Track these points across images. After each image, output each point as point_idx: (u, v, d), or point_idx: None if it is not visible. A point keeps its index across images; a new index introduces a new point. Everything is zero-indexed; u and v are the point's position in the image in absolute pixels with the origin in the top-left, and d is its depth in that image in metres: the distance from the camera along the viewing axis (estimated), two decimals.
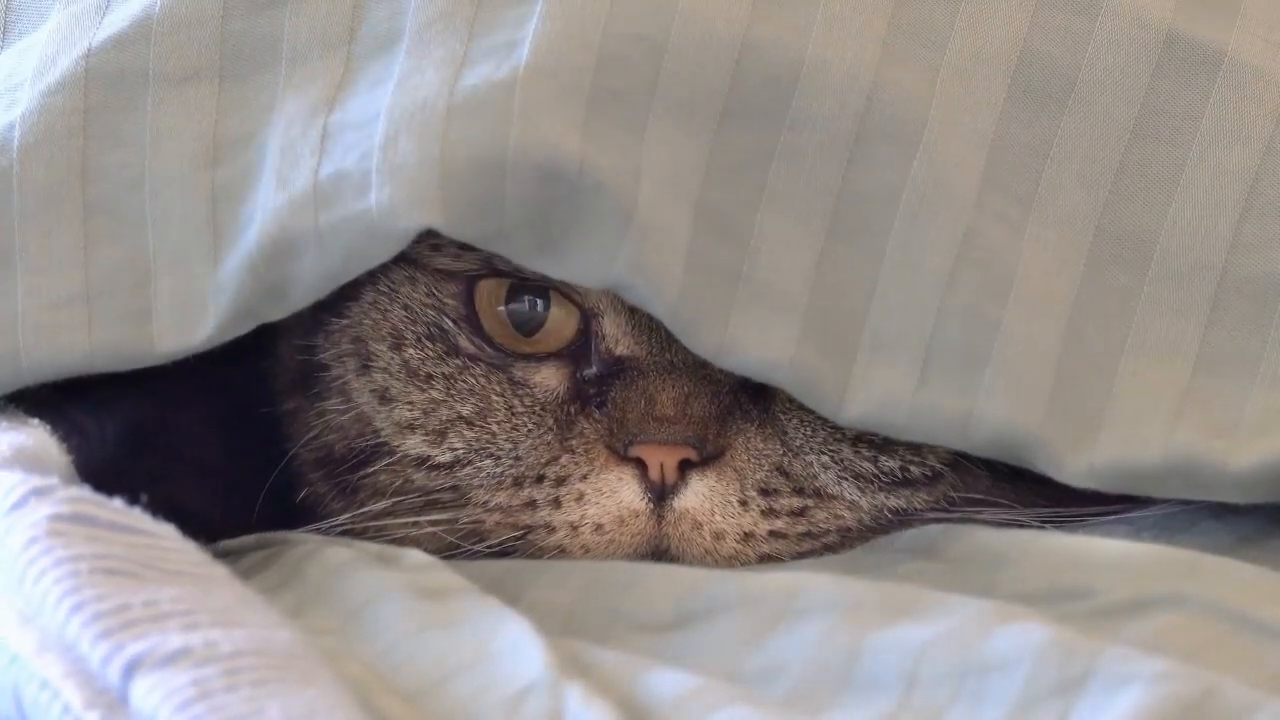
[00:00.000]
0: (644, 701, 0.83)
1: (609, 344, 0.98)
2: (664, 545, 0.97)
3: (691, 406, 0.97)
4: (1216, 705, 0.79)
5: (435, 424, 1.00)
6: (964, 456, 0.98)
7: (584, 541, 0.98)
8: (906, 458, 0.99)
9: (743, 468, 0.98)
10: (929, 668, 0.83)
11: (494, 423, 1.00)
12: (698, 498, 0.97)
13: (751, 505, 0.97)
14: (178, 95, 1.00)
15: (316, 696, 0.77)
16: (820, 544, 0.98)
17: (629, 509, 0.97)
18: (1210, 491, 0.95)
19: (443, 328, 1.01)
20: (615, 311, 0.98)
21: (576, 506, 0.98)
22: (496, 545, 0.99)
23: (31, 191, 0.99)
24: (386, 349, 1.01)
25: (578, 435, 0.98)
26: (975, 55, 0.98)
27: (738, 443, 0.98)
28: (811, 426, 0.98)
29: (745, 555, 0.97)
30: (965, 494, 0.99)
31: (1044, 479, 0.97)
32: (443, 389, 1.01)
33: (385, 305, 1.02)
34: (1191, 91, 0.99)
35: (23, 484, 0.86)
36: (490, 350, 1.00)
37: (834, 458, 0.99)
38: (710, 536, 0.97)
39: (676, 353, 0.97)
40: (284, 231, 0.95)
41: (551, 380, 1.00)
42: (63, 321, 0.98)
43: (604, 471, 0.98)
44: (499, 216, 0.93)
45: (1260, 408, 0.95)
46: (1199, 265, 0.97)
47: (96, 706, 0.78)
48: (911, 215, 0.95)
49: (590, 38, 0.95)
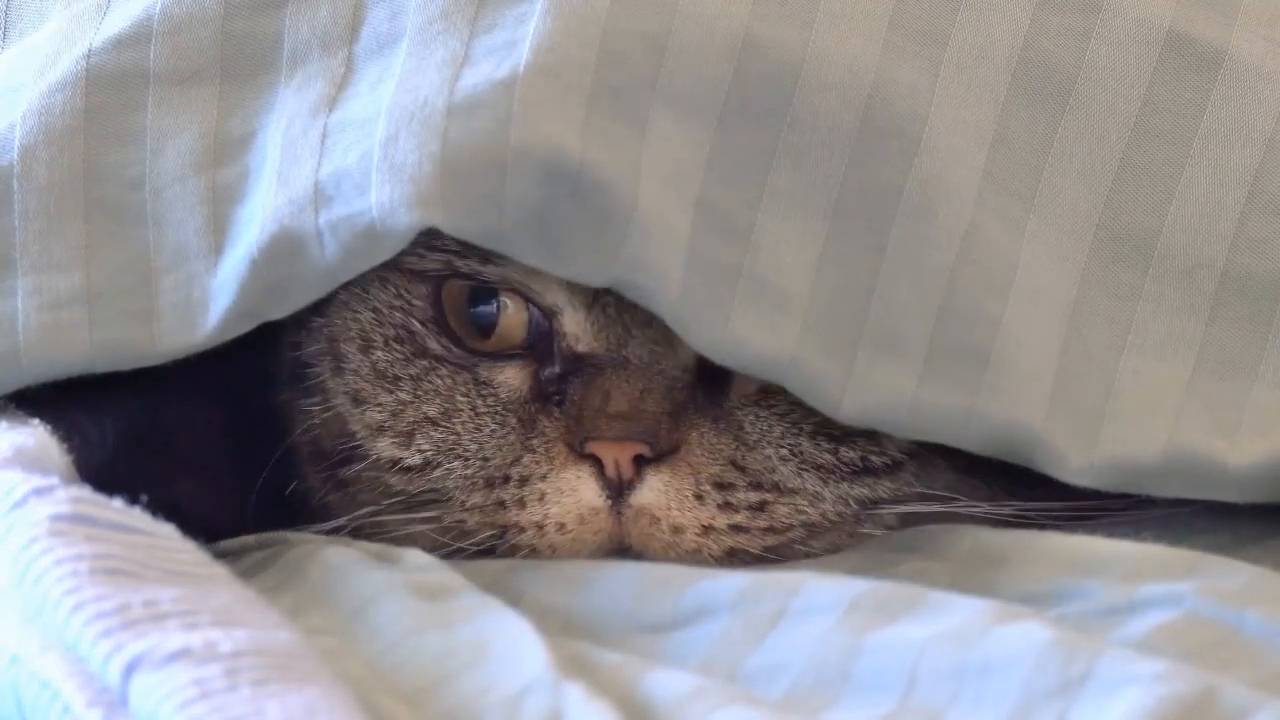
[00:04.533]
0: (644, 701, 0.83)
1: (569, 342, 0.98)
2: (626, 542, 0.97)
3: (645, 403, 0.97)
4: (1216, 705, 0.79)
5: (403, 425, 1.01)
6: (925, 447, 0.99)
7: (550, 541, 0.98)
8: (866, 448, 0.99)
9: (697, 462, 0.97)
10: (929, 667, 0.83)
11: (459, 423, 1.00)
12: (654, 493, 0.97)
13: (708, 499, 0.97)
14: (179, 95, 1.00)
15: (316, 696, 0.77)
16: (786, 538, 0.98)
17: (589, 507, 0.97)
18: (1210, 490, 0.95)
19: (411, 330, 1.01)
20: (574, 309, 0.98)
21: (540, 506, 0.98)
22: (484, 543, 0.99)
23: (32, 191, 0.99)
24: (355, 350, 1.02)
25: (539, 434, 0.99)
26: (976, 53, 0.98)
27: (692, 438, 0.98)
28: (767, 421, 0.98)
29: (708, 549, 0.97)
30: (927, 486, 0.99)
31: (1016, 475, 0.97)
32: (410, 390, 1.01)
33: (356, 307, 1.02)
34: (1192, 90, 0.99)
35: (23, 484, 0.86)
36: (457, 351, 1.00)
37: (792, 450, 0.98)
38: (669, 531, 0.97)
39: (632, 350, 0.97)
40: (285, 231, 0.95)
41: (515, 379, 1.00)
42: (64, 321, 0.98)
43: (563, 470, 0.98)
44: (499, 215, 0.93)
45: (1261, 406, 0.96)
46: (1200, 263, 0.97)
47: (97, 706, 0.78)
48: (912, 212, 0.95)
49: (591, 36, 0.95)
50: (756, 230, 0.95)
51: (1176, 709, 0.79)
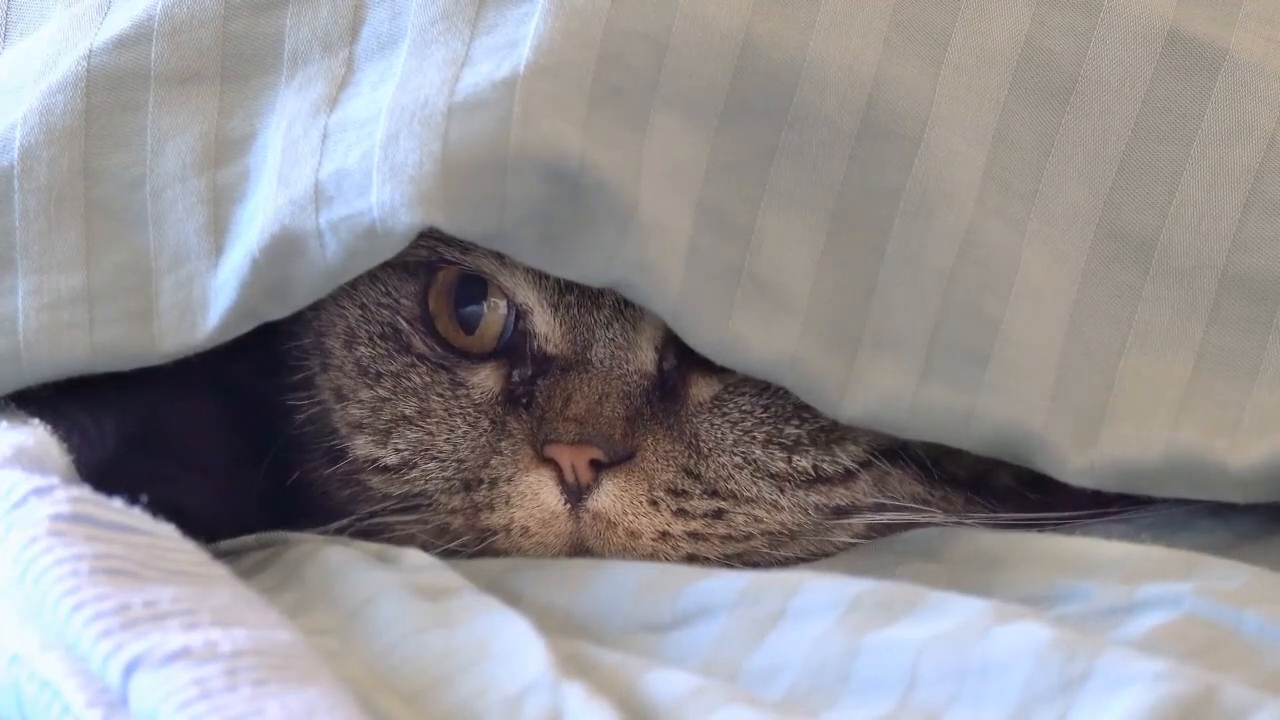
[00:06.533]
0: (644, 701, 0.83)
1: (540, 343, 0.99)
2: (586, 545, 0.98)
3: (603, 407, 0.97)
4: (1216, 705, 0.79)
5: (381, 423, 1.01)
6: (890, 458, 0.99)
7: (516, 544, 0.98)
8: (817, 456, 0.99)
9: (651, 469, 0.98)
10: (928, 667, 0.83)
11: (433, 423, 1.00)
12: (609, 498, 0.97)
13: (662, 506, 0.98)
14: (179, 96, 1.00)
15: (316, 696, 0.77)
16: (746, 546, 0.98)
17: (549, 510, 0.98)
18: (1210, 491, 0.95)
19: (397, 327, 1.01)
20: (543, 309, 0.98)
21: (506, 509, 0.99)
22: (470, 545, 0.99)
23: (33, 192, 0.99)
24: (340, 346, 1.02)
25: (507, 436, 0.99)
26: (977, 52, 0.98)
27: (647, 444, 0.98)
28: (721, 430, 0.99)
29: (666, 554, 0.97)
30: (890, 497, 0.99)
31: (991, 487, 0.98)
32: (389, 387, 1.01)
33: (344, 303, 1.02)
34: (1193, 89, 0.98)
35: (23, 484, 0.86)
36: (439, 350, 1.01)
37: (745, 458, 0.99)
38: (625, 535, 0.97)
39: (595, 351, 0.98)
40: (285, 231, 0.95)
41: (488, 381, 1.00)
42: (64, 321, 0.98)
43: (526, 474, 0.98)
44: (500, 215, 0.93)
45: (1261, 406, 0.96)
46: (1200, 263, 0.97)
47: (97, 706, 0.78)
48: (913, 212, 0.95)
49: (591, 36, 0.94)
50: (757, 230, 0.95)
51: (1176, 708, 0.79)
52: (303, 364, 1.04)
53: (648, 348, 0.98)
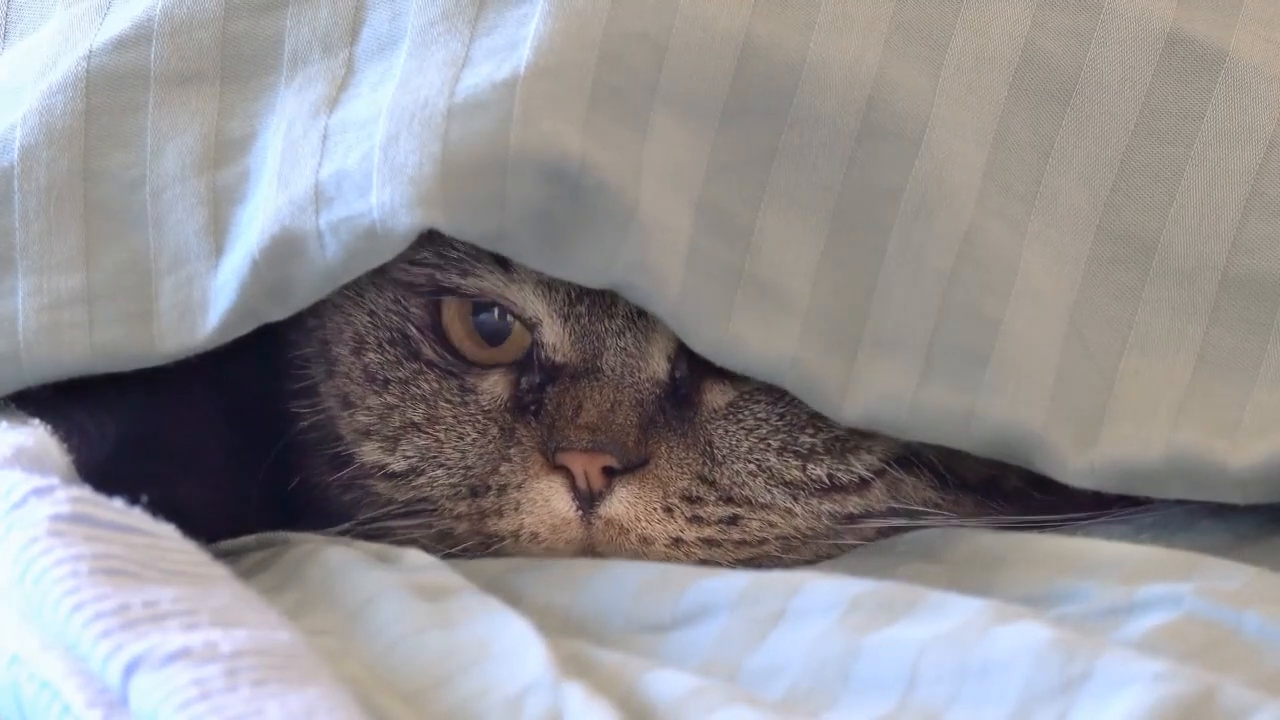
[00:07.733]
0: (644, 701, 0.83)
1: (549, 353, 0.99)
2: (597, 550, 0.98)
3: (615, 414, 0.97)
4: (1216, 705, 0.79)
5: (389, 430, 1.01)
6: (904, 466, 0.99)
7: (524, 550, 0.98)
8: (832, 466, 0.99)
9: (665, 476, 0.98)
10: (928, 668, 0.83)
11: (441, 430, 1.00)
12: (622, 505, 0.97)
13: (676, 513, 0.98)
14: (179, 96, 1.00)
15: (317, 696, 0.77)
16: (759, 551, 0.98)
17: (561, 517, 0.98)
18: (1211, 491, 0.95)
19: (406, 334, 1.01)
20: (552, 320, 0.98)
21: (516, 515, 0.99)
22: (474, 550, 0.99)
23: (33, 192, 0.99)
24: (348, 353, 1.02)
25: (516, 443, 0.99)
26: (977, 54, 0.98)
27: (660, 451, 0.98)
28: (735, 437, 0.99)
29: (678, 560, 0.97)
30: (904, 503, 0.99)
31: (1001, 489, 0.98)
32: (398, 394, 1.01)
33: (350, 310, 1.02)
34: (1193, 91, 0.99)
35: (23, 484, 0.86)
36: (449, 358, 1.01)
37: (760, 466, 0.98)
38: (637, 541, 0.97)
39: (605, 360, 0.98)
40: (285, 232, 0.95)
41: (497, 388, 1.00)
42: (64, 322, 0.98)
43: (536, 480, 0.98)
44: (500, 216, 0.93)
45: (1261, 407, 0.96)
46: (1200, 264, 0.97)
47: (97, 706, 0.78)
48: (913, 213, 0.95)
49: (591, 37, 0.95)
50: (757, 231, 0.95)
51: (1176, 708, 0.79)
52: (305, 372, 1.04)
53: (659, 356, 0.98)
